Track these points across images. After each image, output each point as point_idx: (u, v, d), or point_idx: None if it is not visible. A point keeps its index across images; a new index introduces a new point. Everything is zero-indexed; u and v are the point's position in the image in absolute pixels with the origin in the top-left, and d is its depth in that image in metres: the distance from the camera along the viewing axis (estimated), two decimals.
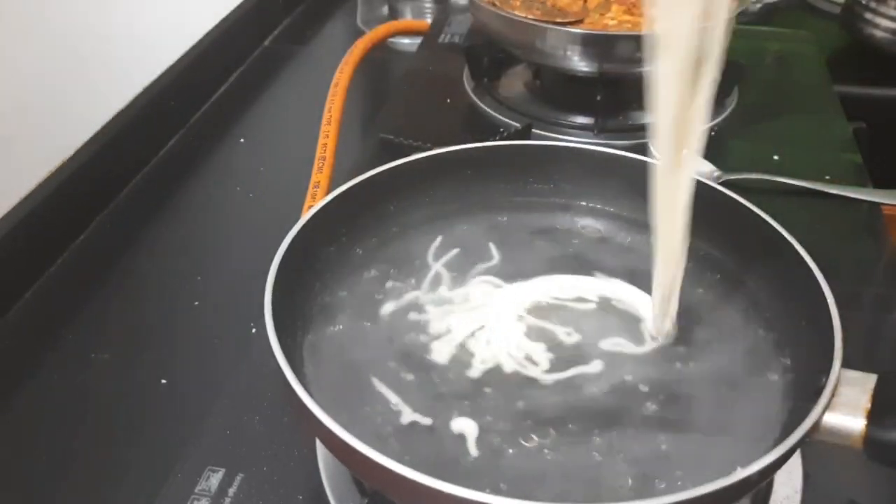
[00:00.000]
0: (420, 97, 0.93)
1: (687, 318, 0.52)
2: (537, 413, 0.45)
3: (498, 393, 0.47)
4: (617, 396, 0.47)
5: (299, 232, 0.51)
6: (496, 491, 0.40)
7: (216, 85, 1.00)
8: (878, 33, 1.05)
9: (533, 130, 0.83)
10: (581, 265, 0.56)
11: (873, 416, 0.40)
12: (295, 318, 0.50)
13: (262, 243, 0.52)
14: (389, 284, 0.54)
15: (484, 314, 0.52)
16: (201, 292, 0.69)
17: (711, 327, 0.51)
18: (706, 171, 0.77)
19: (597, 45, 0.79)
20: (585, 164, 0.60)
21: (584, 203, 0.61)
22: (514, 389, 0.47)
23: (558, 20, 0.82)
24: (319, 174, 0.74)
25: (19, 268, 0.69)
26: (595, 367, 0.48)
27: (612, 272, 0.55)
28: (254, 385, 0.57)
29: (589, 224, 0.60)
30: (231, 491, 0.50)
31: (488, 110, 0.88)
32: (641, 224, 0.59)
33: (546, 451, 0.43)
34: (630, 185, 0.59)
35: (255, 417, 0.55)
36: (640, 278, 0.54)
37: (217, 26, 1.01)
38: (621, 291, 0.54)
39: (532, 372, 0.48)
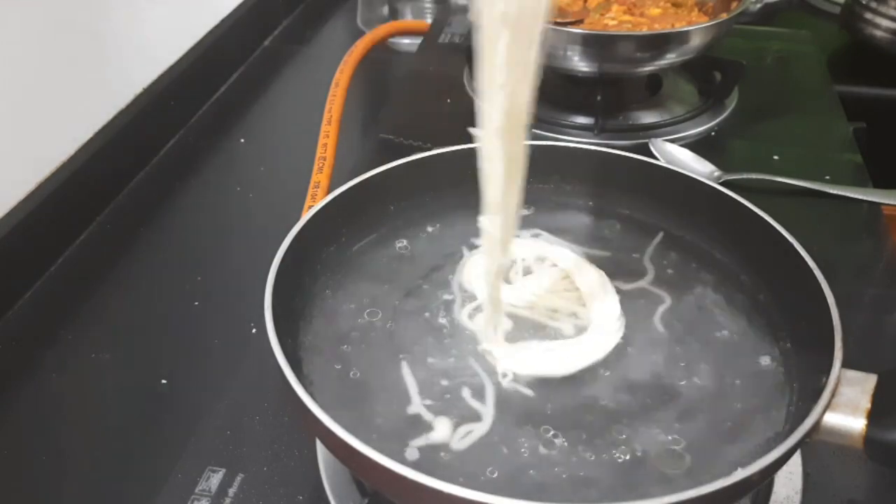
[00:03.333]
0: (420, 97, 0.93)
1: (687, 317, 0.52)
2: (537, 407, 0.46)
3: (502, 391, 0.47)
4: (618, 396, 0.47)
5: (299, 232, 0.51)
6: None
7: (216, 85, 1.00)
8: (878, 33, 1.05)
9: (533, 130, 0.82)
10: None
11: (873, 416, 0.40)
12: (295, 318, 0.50)
13: (262, 243, 0.52)
14: (389, 285, 0.54)
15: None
16: (201, 292, 0.69)
17: (711, 327, 0.51)
18: (706, 171, 0.77)
19: (597, 45, 0.79)
20: (585, 164, 0.60)
21: (584, 203, 0.61)
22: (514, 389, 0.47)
23: (558, 20, 0.82)
24: (319, 174, 0.74)
25: (19, 268, 0.69)
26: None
27: (609, 271, 0.55)
28: (254, 385, 0.57)
29: (589, 224, 0.60)
30: (231, 491, 0.50)
31: None
32: (641, 223, 0.59)
33: (542, 447, 0.44)
34: (630, 184, 0.59)
35: (255, 417, 0.55)
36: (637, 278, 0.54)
37: (217, 26, 1.01)
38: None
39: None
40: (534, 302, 0.53)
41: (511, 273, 0.55)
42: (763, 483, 0.48)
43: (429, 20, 1.11)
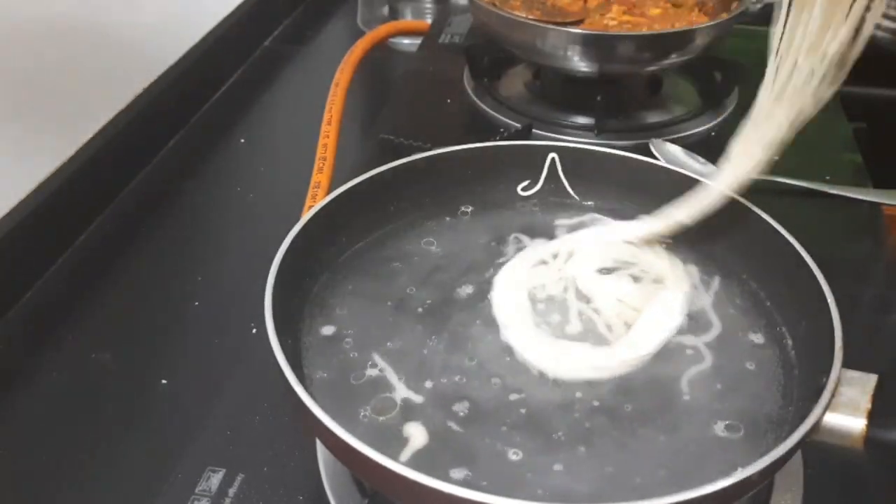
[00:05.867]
0: (420, 97, 0.93)
1: (687, 317, 0.52)
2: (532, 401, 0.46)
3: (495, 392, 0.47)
4: (616, 397, 0.47)
5: (299, 232, 0.51)
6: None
7: (216, 85, 1.00)
8: (878, 33, 1.05)
9: (533, 130, 0.83)
10: None
11: (873, 416, 0.40)
12: (295, 319, 0.50)
13: (262, 243, 0.52)
14: (390, 285, 0.54)
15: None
16: (201, 292, 0.69)
17: (711, 327, 0.51)
18: (706, 171, 0.77)
19: (597, 45, 0.79)
20: (586, 164, 0.60)
21: (584, 203, 0.61)
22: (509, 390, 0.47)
23: (558, 20, 0.82)
24: (319, 174, 0.74)
25: (19, 268, 0.69)
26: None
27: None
28: (254, 385, 0.57)
29: (589, 224, 0.60)
30: (231, 491, 0.50)
31: (488, 110, 0.88)
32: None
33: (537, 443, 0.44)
34: (630, 184, 0.59)
35: (255, 417, 0.55)
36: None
37: (217, 26, 1.01)
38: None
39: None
40: (603, 308, 0.52)
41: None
42: (763, 483, 0.48)
43: (429, 20, 1.11)
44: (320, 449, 0.52)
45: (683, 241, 0.57)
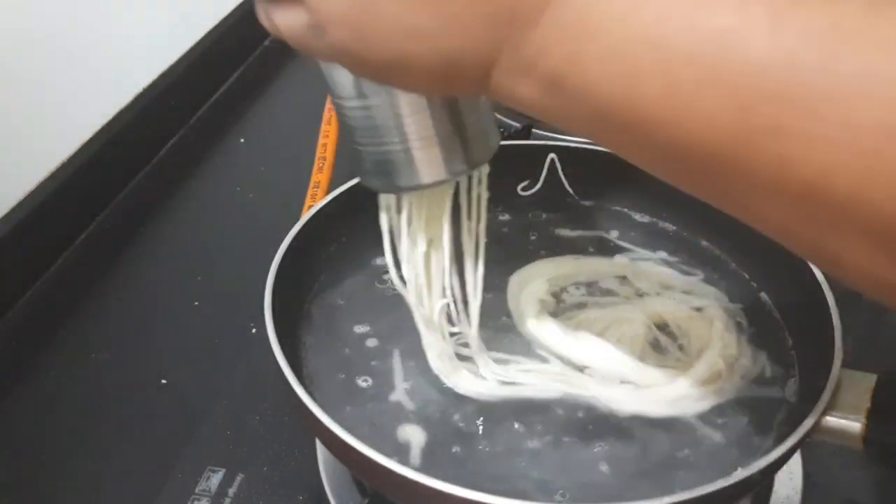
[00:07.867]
0: None
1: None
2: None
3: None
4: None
5: (299, 232, 0.51)
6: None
7: (216, 85, 1.00)
8: None
9: (533, 130, 0.82)
10: None
11: (873, 416, 0.40)
12: (295, 318, 0.50)
13: (262, 243, 0.52)
14: (389, 285, 0.54)
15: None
16: (201, 292, 0.69)
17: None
18: None
19: None
20: (586, 164, 0.60)
21: (584, 202, 0.61)
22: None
23: None
24: (319, 174, 0.74)
25: (19, 268, 0.69)
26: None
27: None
28: (254, 385, 0.57)
29: (589, 223, 0.60)
30: (231, 491, 0.50)
31: None
32: (642, 223, 0.59)
33: (543, 441, 0.44)
34: (631, 184, 0.59)
35: (255, 417, 0.55)
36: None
37: (217, 26, 1.01)
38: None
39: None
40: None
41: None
42: (763, 483, 0.48)
43: None
44: (320, 449, 0.52)
45: (683, 240, 0.57)
